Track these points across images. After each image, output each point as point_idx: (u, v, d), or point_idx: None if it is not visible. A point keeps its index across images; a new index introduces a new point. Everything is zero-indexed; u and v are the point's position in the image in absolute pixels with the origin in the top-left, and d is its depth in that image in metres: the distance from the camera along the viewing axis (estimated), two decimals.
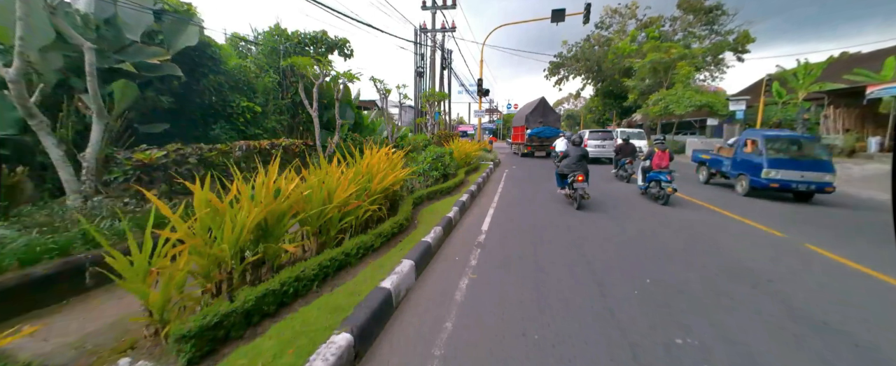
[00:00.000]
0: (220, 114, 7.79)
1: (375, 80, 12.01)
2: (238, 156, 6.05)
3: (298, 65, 7.78)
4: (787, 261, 4.59)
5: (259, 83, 8.92)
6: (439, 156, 8.72)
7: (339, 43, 11.32)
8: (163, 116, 6.79)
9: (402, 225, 5.17)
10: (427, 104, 18.33)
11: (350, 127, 12.49)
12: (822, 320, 3.11)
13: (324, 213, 3.90)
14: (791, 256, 4.77)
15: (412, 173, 7.43)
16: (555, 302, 3.38)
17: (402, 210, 5.48)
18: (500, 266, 4.32)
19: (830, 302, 3.45)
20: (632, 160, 11.63)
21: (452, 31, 20.44)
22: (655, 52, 27.36)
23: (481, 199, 8.62)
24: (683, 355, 2.59)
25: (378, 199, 5.01)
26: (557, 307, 3.28)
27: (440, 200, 7.39)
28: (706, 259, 4.61)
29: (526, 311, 3.21)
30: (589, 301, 3.40)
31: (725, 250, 4.97)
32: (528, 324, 2.99)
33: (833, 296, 3.58)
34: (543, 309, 3.24)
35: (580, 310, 3.23)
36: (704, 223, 6.43)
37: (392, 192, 5.64)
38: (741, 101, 22.76)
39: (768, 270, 4.26)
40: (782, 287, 3.77)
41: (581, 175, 7.11)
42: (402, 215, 5.16)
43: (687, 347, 2.68)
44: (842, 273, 4.24)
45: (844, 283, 3.96)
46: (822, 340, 2.81)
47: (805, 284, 3.89)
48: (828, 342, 2.77)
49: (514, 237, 5.47)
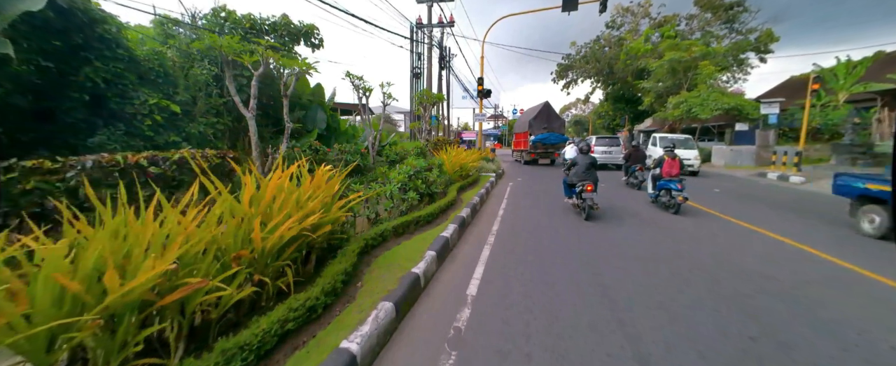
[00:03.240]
0: (118, 114, 5.69)
1: (351, 75, 9.90)
2: (78, 179, 3.74)
3: (226, 49, 5.67)
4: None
5: (183, 75, 6.83)
6: (418, 172, 6.52)
7: (303, 30, 9.24)
8: (17, 118, 4.72)
9: (320, 304, 2.96)
10: (421, 107, 16.20)
11: (321, 133, 10.37)
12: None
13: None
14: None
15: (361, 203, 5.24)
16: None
17: (329, 271, 3.27)
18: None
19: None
20: (642, 167, 11.46)
21: (451, 25, 18.39)
22: (674, 50, 25.04)
23: (476, 227, 6.41)
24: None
25: (272, 261, 2.82)
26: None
27: (414, 237, 5.19)
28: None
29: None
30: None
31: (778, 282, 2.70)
32: None
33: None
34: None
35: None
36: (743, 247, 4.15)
37: (318, 237, 3.47)
38: (774, 103, 20.29)
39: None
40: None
41: (590, 185, 6.75)
42: (320, 288, 2.94)
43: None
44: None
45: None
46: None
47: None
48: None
49: (523, 314, 3.24)
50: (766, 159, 19.40)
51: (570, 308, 3.39)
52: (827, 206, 8.29)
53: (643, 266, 4.51)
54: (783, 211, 7.99)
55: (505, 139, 54.90)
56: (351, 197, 3.99)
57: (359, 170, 8.73)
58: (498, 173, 14.68)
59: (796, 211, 7.99)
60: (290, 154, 7.00)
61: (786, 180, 14.02)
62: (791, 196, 10.26)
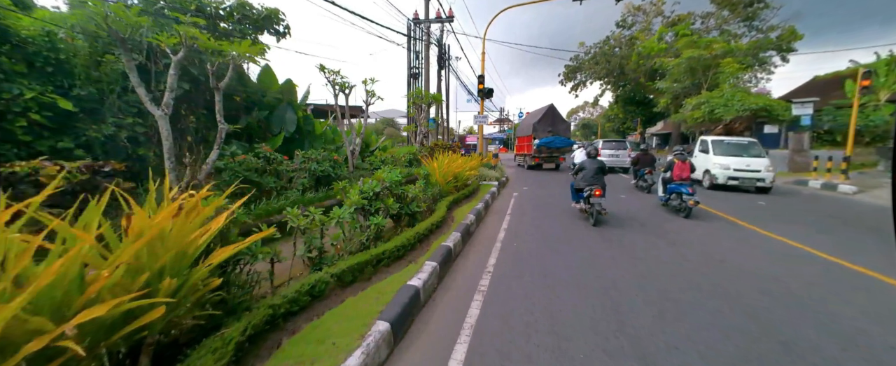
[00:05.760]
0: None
1: (325, 68, 8.36)
2: None
3: (114, 23, 4.11)
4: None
5: (94, 64, 5.31)
6: (389, 187, 4.87)
7: (264, 15, 7.71)
8: None
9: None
10: (415, 108, 14.64)
11: (289, 136, 8.82)
12: None
13: None
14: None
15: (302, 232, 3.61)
16: None
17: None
18: None
19: None
20: (651, 170, 11.30)
21: (450, 20, 16.85)
22: (693, 48, 23.23)
23: (467, 259, 4.75)
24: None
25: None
26: None
27: (368, 287, 3.55)
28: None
29: None
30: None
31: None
32: None
33: None
34: None
35: None
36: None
37: (158, 321, 1.86)
38: (808, 103, 18.37)
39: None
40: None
41: (599, 190, 6.60)
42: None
43: None
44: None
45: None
46: None
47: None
48: None
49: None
50: (803, 165, 17.48)
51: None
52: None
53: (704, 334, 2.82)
54: (855, 231, 6.32)
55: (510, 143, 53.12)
56: (238, 245, 2.36)
57: (329, 182, 7.15)
58: (501, 182, 13.00)
59: (876, 232, 6.25)
60: (229, 166, 5.43)
61: (833, 189, 12.16)
62: (854, 210, 8.47)
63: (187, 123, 6.40)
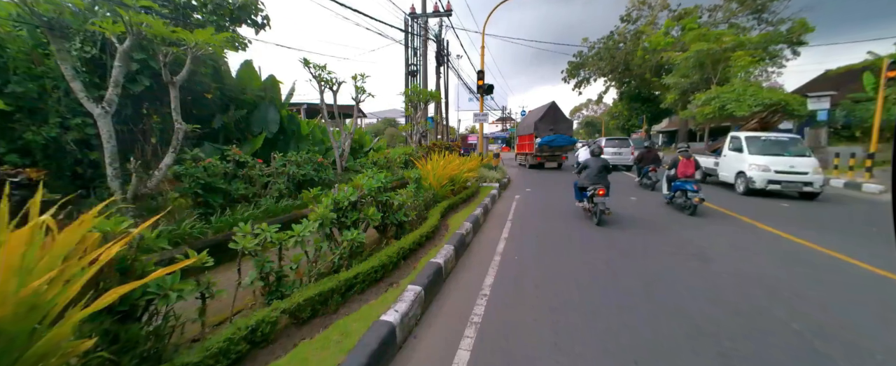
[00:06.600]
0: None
1: (309, 63, 7.69)
2: None
3: (40, 7, 3.47)
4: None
5: (39, 58, 4.66)
6: (370, 195, 4.20)
7: (240, 4, 7.04)
8: None
9: None
10: (412, 107, 13.95)
11: (271, 137, 8.16)
12: None
13: None
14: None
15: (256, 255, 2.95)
16: None
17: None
18: None
19: None
20: (655, 168, 11.26)
21: (448, 14, 16.14)
22: (702, 41, 22.37)
23: (458, 280, 4.07)
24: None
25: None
26: None
27: (330, 325, 2.87)
28: None
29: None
30: None
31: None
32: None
33: None
34: None
35: None
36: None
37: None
38: (824, 98, 17.49)
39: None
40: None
41: (602, 189, 6.52)
42: None
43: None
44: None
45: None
46: None
47: None
48: None
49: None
50: (820, 163, 16.65)
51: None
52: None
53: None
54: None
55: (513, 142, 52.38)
56: (129, 285, 1.69)
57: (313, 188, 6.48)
58: (502, 183, 12.28)
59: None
60: (190, 171, 4.76)
61: (857, 189, 11.39)
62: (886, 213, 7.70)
63: (150, 124, 5.75)
